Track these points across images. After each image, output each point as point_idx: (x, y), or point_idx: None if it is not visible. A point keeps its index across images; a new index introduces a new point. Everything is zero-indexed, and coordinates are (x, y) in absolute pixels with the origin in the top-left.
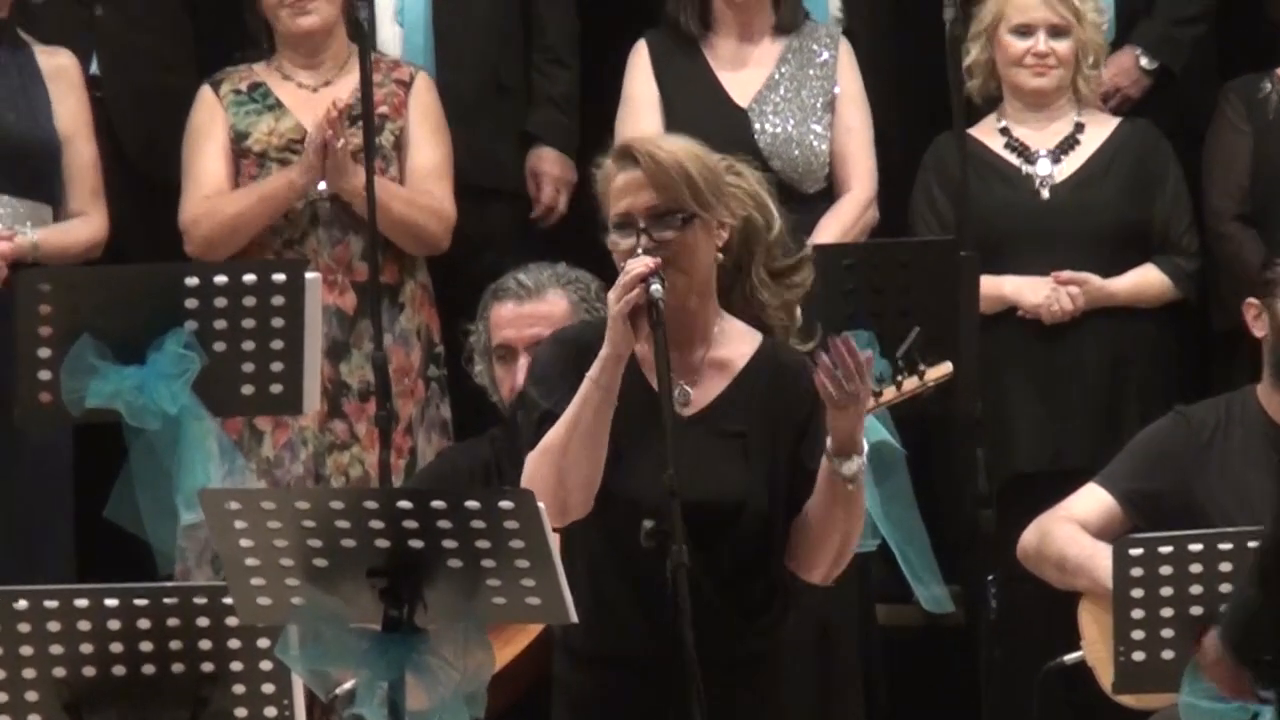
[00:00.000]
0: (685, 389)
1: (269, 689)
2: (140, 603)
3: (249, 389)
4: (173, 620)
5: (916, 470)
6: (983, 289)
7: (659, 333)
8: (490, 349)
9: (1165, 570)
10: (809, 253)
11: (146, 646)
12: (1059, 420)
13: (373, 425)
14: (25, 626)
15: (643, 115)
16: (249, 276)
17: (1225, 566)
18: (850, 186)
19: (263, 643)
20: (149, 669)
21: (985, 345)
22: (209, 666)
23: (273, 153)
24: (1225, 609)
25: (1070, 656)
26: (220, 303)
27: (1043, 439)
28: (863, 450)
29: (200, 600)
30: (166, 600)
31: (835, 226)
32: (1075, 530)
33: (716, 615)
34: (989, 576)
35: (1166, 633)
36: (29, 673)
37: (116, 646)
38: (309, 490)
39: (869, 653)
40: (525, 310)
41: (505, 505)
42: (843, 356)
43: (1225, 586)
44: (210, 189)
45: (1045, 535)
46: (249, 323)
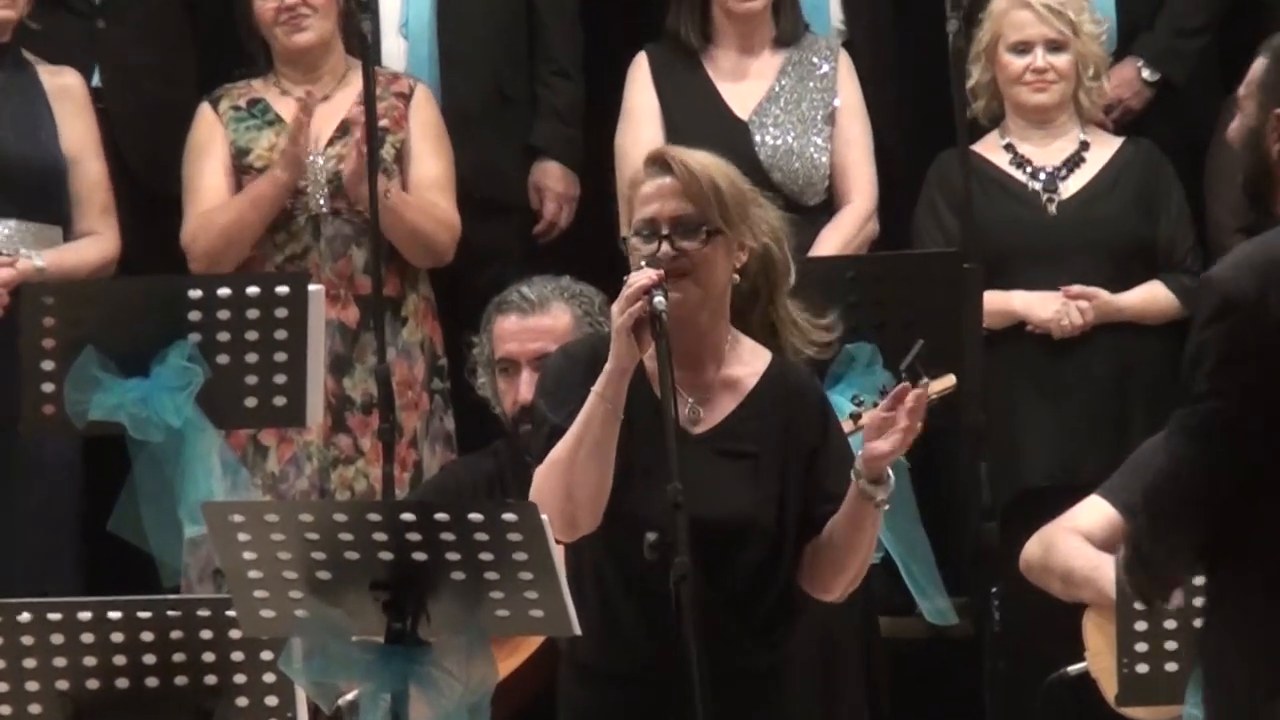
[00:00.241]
0: (696, 407)
1: (272, 701)
2: (144, 615)
3: (252, 401)
4: (176, 633)
5: (920, 483)
6: (991, 304)
7: (662, 345)
8: (493, 362)
9: None
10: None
11: (150, 659)
12: (1067, 434)
13: (377, 439)
14: (29, 639)
15: (643, 127)
16: (252, 289)
17: None
18: (851, 199)
19: (266, 655)
20: (152, 681)
21: (993, 360)
22: (212, 679)
23: (271, 168)
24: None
25: (1074, 668)
26: (223, 315)
27: (1051, 453)
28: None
29: (204, 613)
30: (170, 613)
31: (835, 238)
32: (1080, 542)
33: (724, 632)
34: (993, 589)
35: (1170, 645)
36: (33, 685)
37: (120, 659)
38: (312, 503)
39: (872, 665)
40: (528, 324)
41: (509, 517)
42: (910, 406)
43: None
44: (211, 205)
45: (1049, 547)
46: (252, 335)
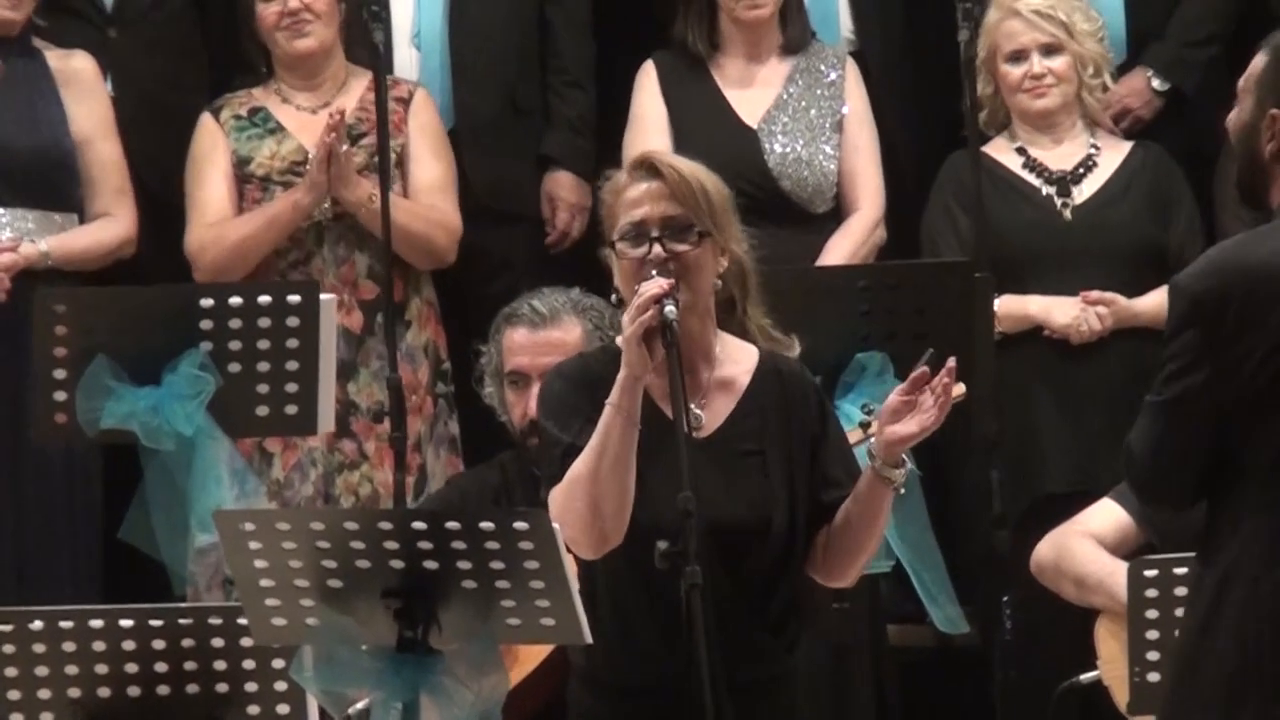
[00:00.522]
0: (696, 412)
1: (283, 709)
2: (155, 623)
3: (264, 410)
4: (187, 641)
5: (931, 491)
6: (1008, 309)
7: (673, 354)
8: (502, 373)
9: (1180, 591)
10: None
11: (161, 667)
12: (1085, 441)
13: (381, 443)
14: (41, 647)
15: (651, 135)
16: (264, 298)
17: None
18: (859, 206)
19: (277, 663)
20: (164, 689)
21: (1009, 366)
22: (224, 687)
23: (276, 176)
24: None
25: (1086, 676)
26: (235, 324)
27: (1070, 459)
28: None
29: (215, 621)
30: (181, 621)
31: (844, 246)
32: (1093, 547)
33: (741, 634)
34: (1004, 597)
35: None
36: (44, 693)
37: (131, 667)
38: (324, 511)
39: (881, 673)
40: (539, 338)
41: (520, 526)
42: (945, 382)
43: None
44: (214, 216)
45: (1063, 550)
46: (264, 344)
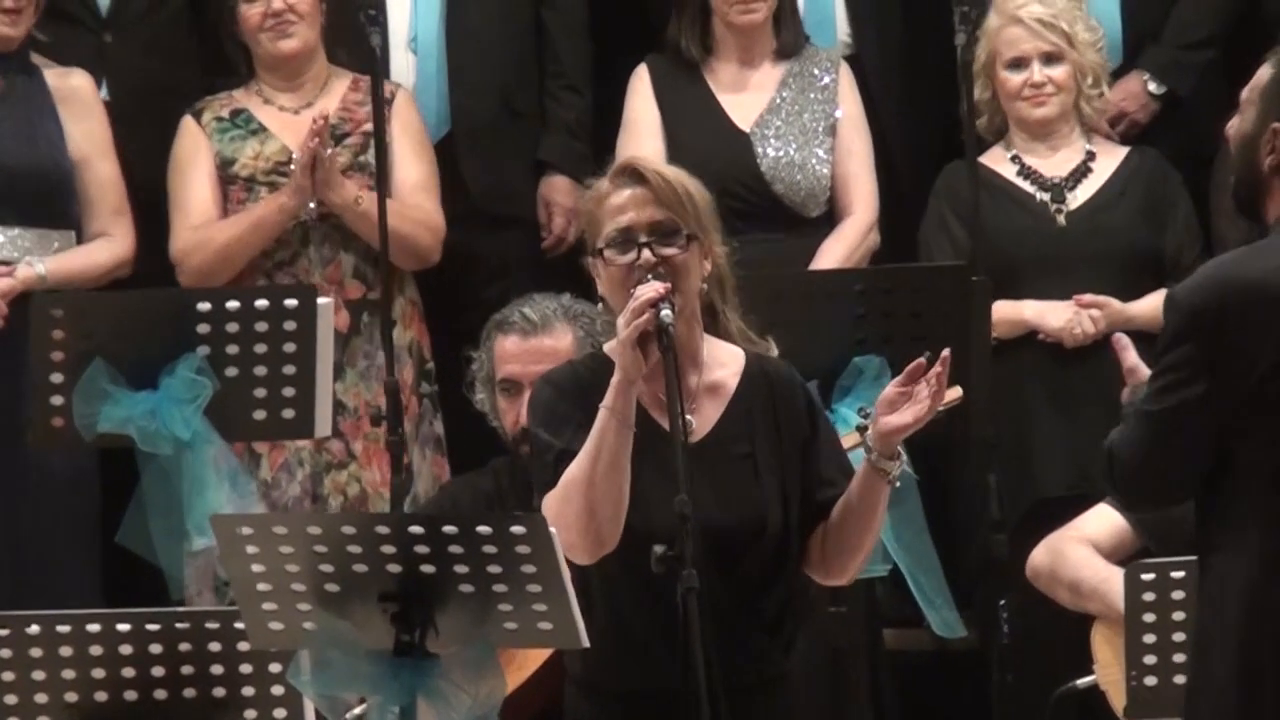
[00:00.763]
0: (687, 417)
1: (280, 714)
2: (152, 627)
3: (261, 414)
4: (185, 645)
5: (929, 496)
6: (1002, 313)
7: (669, 358)
8: (494, 380)
9: (1177, 595)
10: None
11: (158, 671)
12: (1081, 444)
13: (369, 443)
14: (37, 651)
15: (644, 139)
16: (261, 302)
17: None
18: (852, 210)
19: (274, 667)
20: (161, 694)
21: (1005, 370)
22: (221, 691)
23: (260, 176)
24: None
25: (1083, 680)
26: (232, 328)
27: (1066, 463)
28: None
29: (212, 625)
30: (179, 625)
31: (837, 250)
32: (1089, 552)
33: (738, 636)
34: (1001, 601)
35: (1179, 657)
36: (41, 697)
37: (129, 671)
38: (321, 515)
39: (877, 677)
40: (530, 345)
41: (517, 530)
42: (938, 372)
43: None
44: (199, 218)
45: (1058, 556)
46: (261, 348)
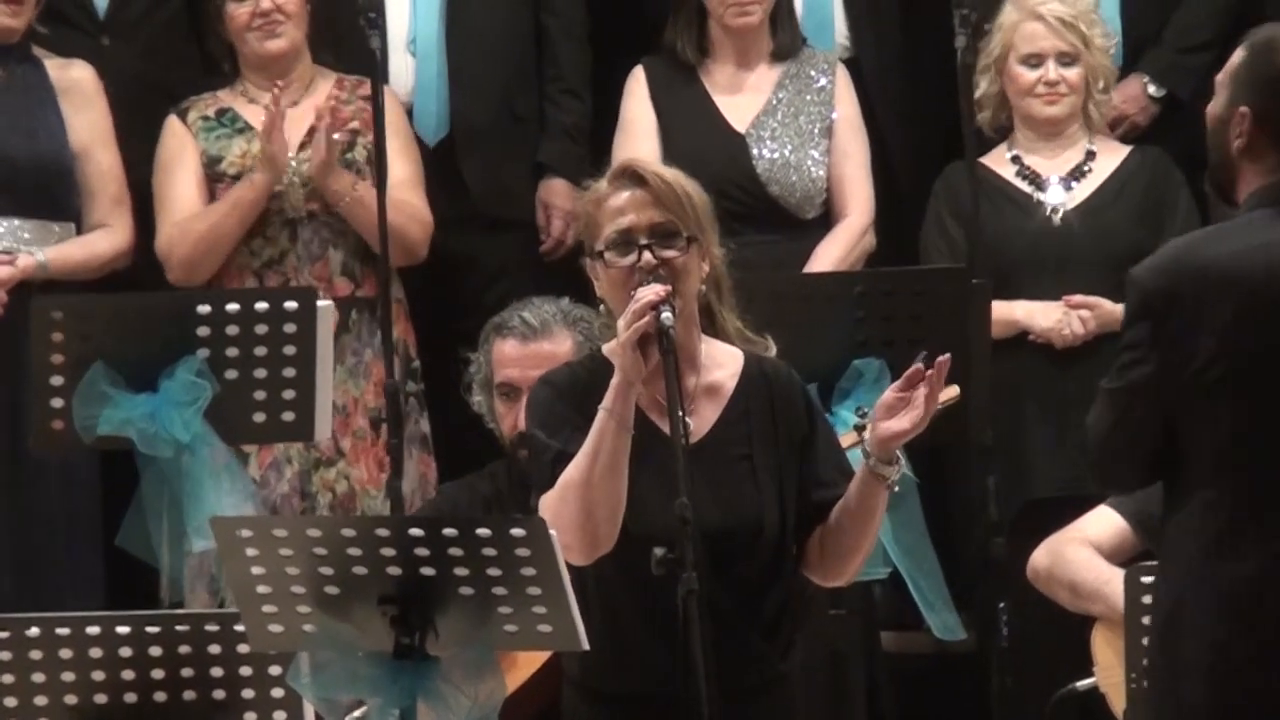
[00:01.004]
0: (685, 419)
1: (280, 716)
2: (152, 630)
3: (261, 417)
4: (184, 647)
5: (928, 498)
6: (994, 314)
7: (669, 360)
8: (492, 384)
9: None
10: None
11: (158, 674)
12: (1074, 445)
13: (358, 440)
14: (37, 653)
15: (640, 141)
16: (261, 304)
17: None
18: (848, 212)
19: (274, 670)
20: (160, 696)
21: (998, 371)
22: (220, 694)
23: (248, 174)
24: None
25: (1083, 683)
26: (232, 330)
27: (1058, 464)
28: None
29: (212, 627)
30: (178, 627)
31: (832, 252)
32: (1089, 554)
33: (737, 638)
34: (1000, 604)
35: None
36: (41, 700)
37: (128, 673)
38: (321, 518)
39: (875, 680)
40: (529, 350)
41: (517, 533)
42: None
43: None
44: (183, 215)
45: (1058, 557)
46: (261, 350)
